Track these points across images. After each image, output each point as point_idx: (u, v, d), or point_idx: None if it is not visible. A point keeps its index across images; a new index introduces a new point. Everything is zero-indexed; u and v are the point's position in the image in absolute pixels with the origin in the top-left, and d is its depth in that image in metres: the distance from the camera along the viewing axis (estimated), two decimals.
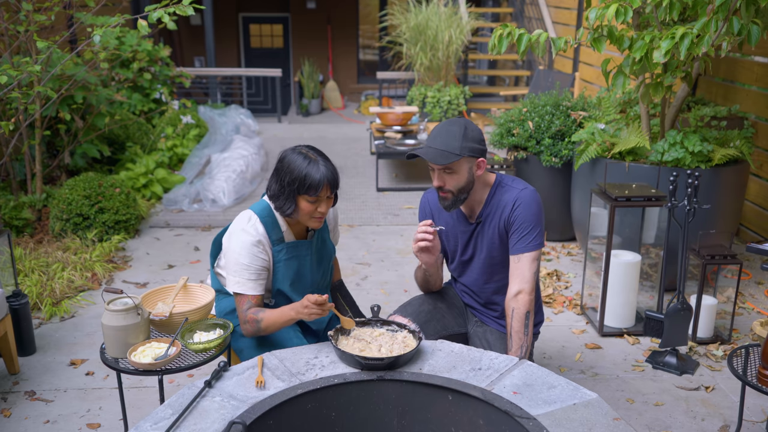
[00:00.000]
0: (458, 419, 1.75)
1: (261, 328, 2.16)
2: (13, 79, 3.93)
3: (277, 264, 2.22)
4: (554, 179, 4.37)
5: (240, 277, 2.16)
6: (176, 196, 5.42)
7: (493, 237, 2.32)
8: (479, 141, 2.21)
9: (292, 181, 2.10)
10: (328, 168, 2.12)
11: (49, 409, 2.76)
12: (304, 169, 2.09)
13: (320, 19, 12.49)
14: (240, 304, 2.19)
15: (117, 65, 6.46)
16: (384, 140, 6.34)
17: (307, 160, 2.11)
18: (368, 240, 4.80)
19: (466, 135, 2.17)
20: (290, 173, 2.11)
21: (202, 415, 1.63)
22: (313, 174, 2.08)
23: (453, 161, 2.15)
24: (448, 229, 2.42)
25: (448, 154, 2.15)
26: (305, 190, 2.09)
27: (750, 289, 3.94)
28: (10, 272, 3.30)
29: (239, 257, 2.16)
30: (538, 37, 3.18)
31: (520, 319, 2.22)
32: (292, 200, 2.13)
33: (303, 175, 2.08)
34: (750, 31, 2.81)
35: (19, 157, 5.11)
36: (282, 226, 2.23)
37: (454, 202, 2.24)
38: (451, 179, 2.20)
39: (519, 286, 2.23)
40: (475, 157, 2.20)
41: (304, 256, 2.28)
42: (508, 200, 2.27)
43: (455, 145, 2.15)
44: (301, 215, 2.16)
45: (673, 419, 2.69)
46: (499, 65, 11.33)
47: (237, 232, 2.18)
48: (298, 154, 2.13)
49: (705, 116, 4.18)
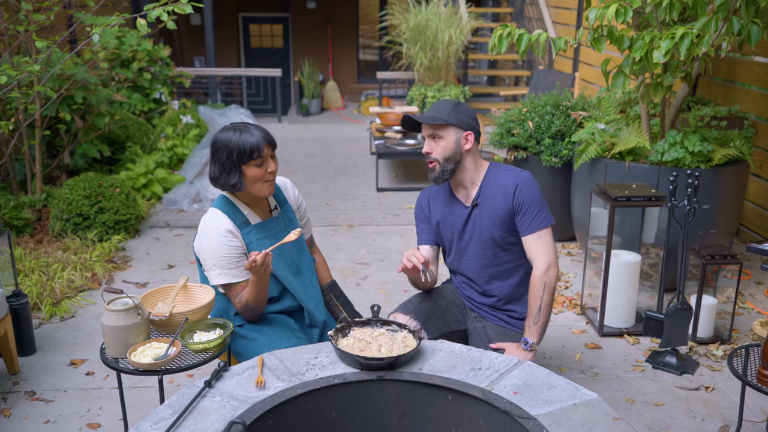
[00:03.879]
0: (458, 419, 1.75)
1: (252, 307, 2.23)
2: (13, 79, 3.93)
3: (250, 246, 2.25)
4: (554, 179, 4.37)
5: (221, 269, 2.21)
6: (176, 196, 5.42)
7: (493, 219, 2.36)
8: (469, 116, 2.33)
9: (230, 153, 2.15)
10: (259, 130, 2.19)
11: (49, 409, 2.76)
12: (239, 139, 2.15)
13: (320, 19, 12.49)
14: (231, 296, 2.25)
15: (117, 65, 6.46)
16: (384, 140, 6.34)
17: (238, 132, 2.17)
18: (368, 240, 4.80)
19: (457, 108, 2.32)
20: (227, 148, 2.16)
21: (202, 415, 1.63)
22: (249, 139, 2.15)
23: (439, 124, 2.29)
24: (445, 217, 2.47)
25: (436, 119, 2.29)
26: (248, 156, 2.14)
27: (750, 289, 3.94)
28: (10, 272, 3.30)
29: (214, 251, 2.21)
30: (538, 37, 3.18)
31: (551, 292, 2.32)
32: (236, 171, 2.17)
33: (240, 144, 2.14)
34: (750, 31, 2.81)
35: (19, 157, 5.11)
36: (244, 211, 2.28)
37: (441, 172, 2.34)
38: (438, 146, 2.32)
39: (547, 261, 2.32)
40: (463, 129, 2.31)
41: (275, 233, 2.31)
42: (508, 184, 2.34)
43: (444, 113, 2.30)
44: (251, 184, 2.20)
45: (673, 419, 2.69)
46: (499, 65, 11.33)
47: (204, 229, 2.23)
48: (227, 130, 2.19)
49: (705, 116, 4.18)
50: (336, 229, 5.02)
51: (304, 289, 2.39)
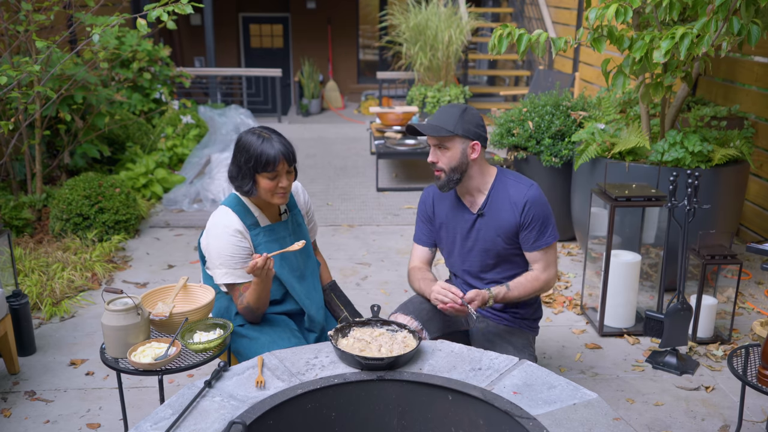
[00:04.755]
0: (458, 419, 1.75)
1: (253, 308, 2.23)
2: (13, 80, 3.93)
3: (258, 248, 2.25)
4: (554, 179, 4.37)
5: (227, 268, 2.21)
6: (176, 196, 5.42)
7: (498, 230, 2.36)
8: (476, 125, 2.28)
9: (248, 160, 2.15)
10: (282, 143, 2.17)
11: (49, 409, 2.76)
12: (259, 147, 2.14)
13: (320, 19, 12.49)
14: (234, 297, 2.25)
15: (117, 65, 6.46)
16: (384, 140, 6.34)
17: (261, 139, 2.16)
18: (368, 240, 4.80)
19: (464, 116, 2.26)
20: (246, 153, 2.16)
21: (202, 415, 1.63)
22: (268, 151, 2.14)
23: (444, 135, 2.24)
24: (449, 221, 2.45)
25: (441, 129, 2.24)
26: (262, 168, 2.14)
27: (750, 289, 3.94)
28: (10, 272, 3.30)
29: (222, 250, 2.20)
30: (538, 37, 3.18)
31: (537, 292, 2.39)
32: (250, 179, 2.18)
33: (258, 153, 2.14)
34: (750, 31, 2.81)
35: (19, 157, 5.11)
36: (254, 212, 2.28)
37: (447, 181, 2.32)
38: (444, 156, 2.29)
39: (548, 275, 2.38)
40: (470, 139, 2.27)
41: (283, 237, 2.32)
42: (517, 198, 2.33)
43: (451, 123, 2.25)
44: (263, 193, 2.20)
45: (673, 419, 2.69)
46: (499, 65, 11.32)
47: (213, 227, 2.23)
48: (252, 134, 2.19)
49: (705, 116, 4.18)
50: (336, 229, 5.02)
51: (307, 294, 2.39)
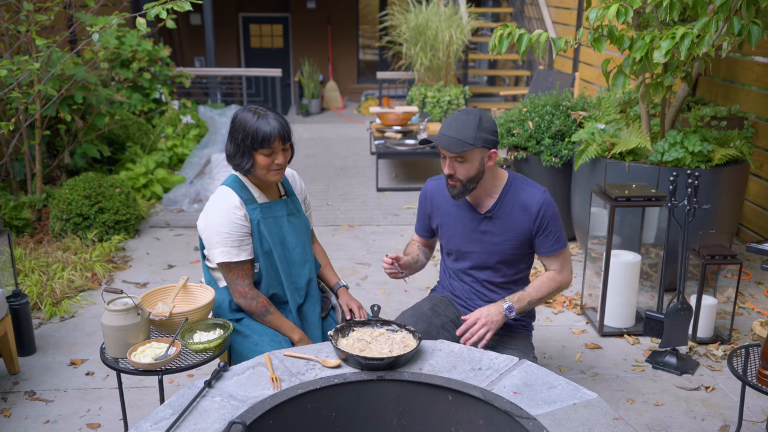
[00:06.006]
0: (458, 419, 1.75)
1: (260, 314, 2.26)
2: (12, 78, 3.93)
3: (254, 222, 2.26)
4: (554, 179, 4.37)
5: (224, 246, 2.21)
6: (176, 196, 5.42)
7: (508, 234, 2.34)
8: (492, 132, 2.24)
9: (245, 137, 2.18)
10: (277, 120, 2.19)
11: (49, 409, 2.76)
12: (254, 123, 2.17)
13: (320, 19, 12.48)
14: (231, 281, 2.25)
15: (117, 65, 6.46)
16: (384, 140, 6.34)
17: (256, 116, 2.18)
18: (368, 240, 4.80)
19: (481, 125, 2.19)
20: (242, 130, 2.18)
21: (202, 415, 1.63)
22: (264, 127, 2.16)
23: (466, 150, 2.17)
24: (451, 219, 2.42)
25: (462, 143, 2.17)
26: (259, 144, 2.17)
27: (750, 289, 3.94)
28: (10, 272, 3.30)
29: (219, 227, 2.21)
30: (538, 37, 3.18)
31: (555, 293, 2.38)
32: (248, 156, 2.20)
33: (254, 130, 2.16)
34: (750, 31, 2.81)
35: (19, 157, 5.11)
36: (253, 191, 2.29)
37: (462, 191, 2.28)
38: (462, 168, 2.23)
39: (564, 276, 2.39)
40: (488, 148, 2.23)
41: (279, 216, 2.33)
42: (530, 203, 2.32)
43: (469, 135, 2.17)
44: (259, 170, 2.22)
45: (673, 419, 2.69)
46: (499, 65, 11.32)
47: (210, 207, 2.25)
48: (248, 111, 2.21)
49: (705, 116, 4.18)
50: (336, 229, 5.02)
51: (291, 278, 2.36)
